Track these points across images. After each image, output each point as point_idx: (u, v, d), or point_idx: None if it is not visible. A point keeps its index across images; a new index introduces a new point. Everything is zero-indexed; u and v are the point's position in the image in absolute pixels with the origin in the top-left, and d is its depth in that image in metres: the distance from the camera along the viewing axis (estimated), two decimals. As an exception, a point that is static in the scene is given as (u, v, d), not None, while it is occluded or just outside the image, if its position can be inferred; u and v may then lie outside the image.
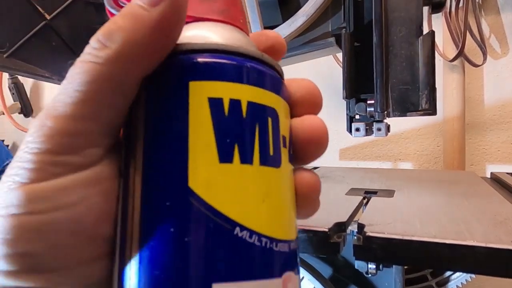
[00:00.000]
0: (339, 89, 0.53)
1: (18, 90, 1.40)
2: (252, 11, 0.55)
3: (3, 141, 1.36)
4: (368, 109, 0.53)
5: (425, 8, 0.53)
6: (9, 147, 1.41)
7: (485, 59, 0.88)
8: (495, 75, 0.95)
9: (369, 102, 0.54)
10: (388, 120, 0.54)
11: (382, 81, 0.49)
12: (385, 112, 0.50)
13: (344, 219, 0.38)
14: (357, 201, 0.47)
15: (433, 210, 0.43)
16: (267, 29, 0.60)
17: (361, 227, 0.35)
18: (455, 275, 0.58)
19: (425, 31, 0.49)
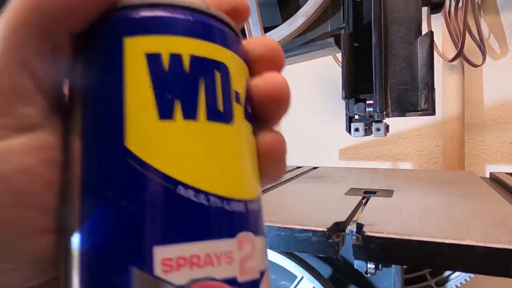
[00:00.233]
0: (339, 89, 0.53)
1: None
2: (252, 11, 0.55)
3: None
4: (367, 109, 0.54)
5: (424, 9, 0.54)
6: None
7: (484, 59, 0.88)
8: (495, 75, 0.95)
9: (368, 102, 0.54)
10: (387, 120, 0.54)
11: (381, 81, 0.49)
12: (384, 112, 0.50)
13: (343, 218, 0.38)
14: (356, 201, 0.47)
15: (432, 210, 0.43)
16: (267, 29, 0.60)
17: (360, 227, 0.36)
18: (454, 274, 0.58)
19: (424, 31, 0.49)
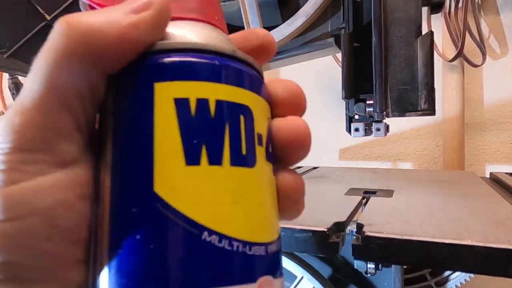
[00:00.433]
0: (339, 89, 0.53)
1: (18, 90, 1.40)
2: (252, 11, 0.55)
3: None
4: (367, 109, 0.54)
5: (424, 9, 0.54)
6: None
7: (484, 59, 0.88)
8: (495, 75, 0.95)
9: (368, 102, 0.54)
10: (387, 120, 0.54)
11: (381, 81, 0.49)
12: (384, 112, 0.50)
13: (343, 219, 0.38)
14: (356, 201, 0.47)
15: (432, 210, 0.43)
16: (267, 29, 0.60)
17: (360, 227, 0.36)
18: (454, 274, 0.58)
19: (424, 31, 0.49)
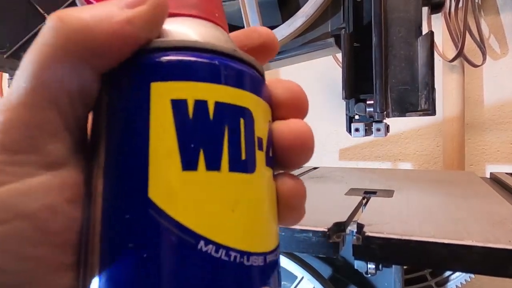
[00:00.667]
0: (339, 89, 0.53)
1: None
2: (252, 11, 0.55)
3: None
4: (367, 110, 0.54)
5: (424, 9, 0.54)
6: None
7: (484, 59, 0.88)
8: (495, 75, 0.95)
9: (368, 102, 0.54)
10: (387, 120, 0.54)
11: (382, 81, 0.49)
12: (385, 113, 0.50)
13: (343, 219, 0.38)
14: (357, 201, 0.47)
15: (432, 210, 0.43)
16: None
17: (360, 227, 0.36)
18: (455, 275, 0.58)
19: (424, 31, 0.49)
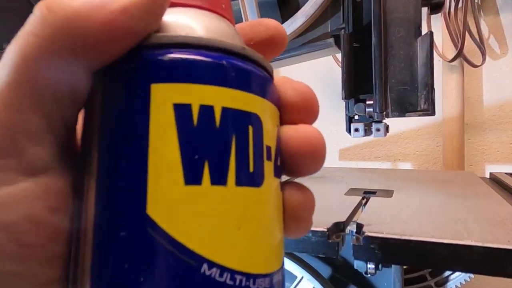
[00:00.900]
0: (338, 89, 0.53)
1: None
2: (252, 11, 0.55)
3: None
4: (367, 110, 0.54)
5: (424, 9, 0.54)
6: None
7: (484, 59, 0.88)
8: (494, 75, 0.95)
9: (368, 102, 0.54)
10: (387, 120, 0.54)
11: (381, 81, 0.49)
12: (384, 113, 0.50)
13: (343, 219, 0.38)
14: (356, 201, 0.47)
15: (431, 210, 0.43)
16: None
17: (360, 227, 0.36)
18: (454, 275, 0.58)
19: (424, 31, 0.49)
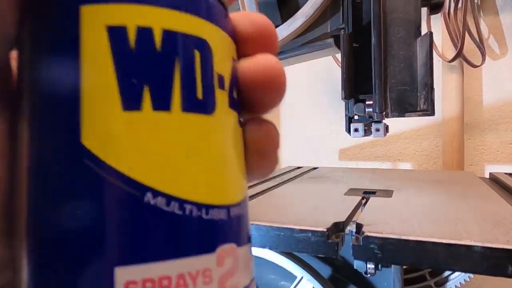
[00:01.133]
0: (338, 89, 0.53)
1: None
2: (252, 11, 0.55)
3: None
4: (366, 110, 0.54)
5: (424, 9, 0.54)
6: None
7: (484, 59, 0.88)
8: (494, 75, 0.95)
9: (367, 102, 0.54)
10: (387, 120, 0.54)
11: (381, 81, 0.49)
12: (384, 113, 0.50)
13: (342, 219, 0.38)
14: (356, 201, 0.47)
15: (431, 210, 0.43)
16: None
17: (359, 227, 0.36)
18: (454, 275, 0.58)
19: (424, 32, 0.49)
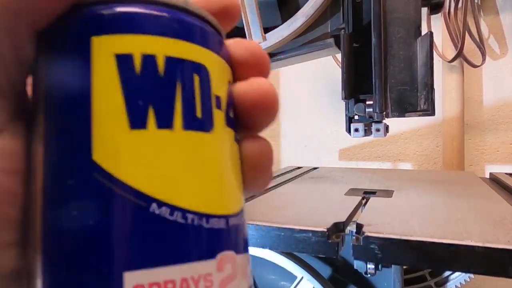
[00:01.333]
0: (338, 89, 0.53)
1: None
2: (252, 11, 0.55)
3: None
4: (367, 110, 0.54)
5: (424, 9, 0.54)
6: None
7: (484, 59, 0.88)
8: (494, 75, 0.95)
9: (368, 102, 0.54)
10: (387, 120, 0.54)
11: (381, 81, 0.49)
12: (384, 113, 0.50)
13: (343, 219, 0.38)
14: (356, 201, 0.47)
15: (431, 210, 0.43)
16: (267, 30, 0.60)
17: (359, 227, 0.36)
18: (454, 275, 0.58)
19: (424, 32, 0.49)
